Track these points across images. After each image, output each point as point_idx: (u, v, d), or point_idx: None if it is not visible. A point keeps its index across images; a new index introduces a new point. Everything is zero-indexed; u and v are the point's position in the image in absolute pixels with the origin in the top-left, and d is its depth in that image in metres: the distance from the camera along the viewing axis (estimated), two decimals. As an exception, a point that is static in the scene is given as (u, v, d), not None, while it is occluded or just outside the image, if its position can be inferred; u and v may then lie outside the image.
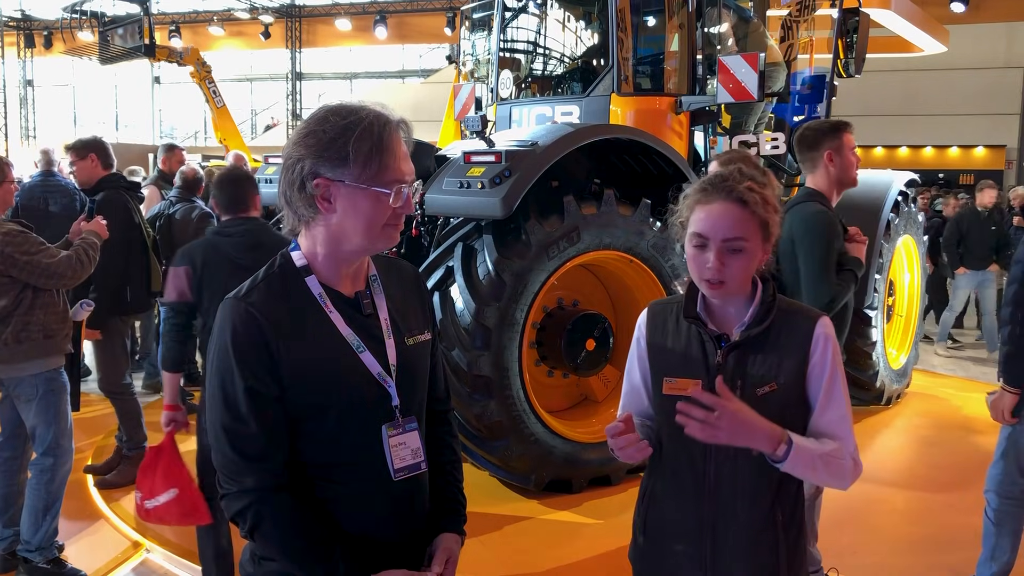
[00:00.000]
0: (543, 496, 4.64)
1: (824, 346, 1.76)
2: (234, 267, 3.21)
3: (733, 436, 1.64)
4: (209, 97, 15.14)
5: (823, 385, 1.76)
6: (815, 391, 1.77)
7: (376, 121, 1.51)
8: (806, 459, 1.68)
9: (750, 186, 1.75)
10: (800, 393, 1.77)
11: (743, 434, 1.65)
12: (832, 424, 1.76)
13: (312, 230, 1.57)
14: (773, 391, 1.75)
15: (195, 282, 3.27)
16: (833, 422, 1.76)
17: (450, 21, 20.59)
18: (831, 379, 1.76)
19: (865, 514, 4.43)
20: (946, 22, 10.82)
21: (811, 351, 1.76)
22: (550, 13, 6.54)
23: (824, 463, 1.71)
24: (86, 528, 4.33)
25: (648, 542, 1.92)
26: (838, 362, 1.78)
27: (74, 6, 20.57)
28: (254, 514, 1.52)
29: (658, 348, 1.89)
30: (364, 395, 1.57)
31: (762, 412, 1.70)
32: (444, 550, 1.69)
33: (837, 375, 1.77)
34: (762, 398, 1.74)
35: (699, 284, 1.79)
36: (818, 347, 1.76)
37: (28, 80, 31.21)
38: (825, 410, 1.76)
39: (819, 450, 1.71)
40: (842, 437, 1.75)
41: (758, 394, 1.74)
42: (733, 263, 1.74)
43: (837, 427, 1.76)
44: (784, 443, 1.67)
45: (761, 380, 1.75)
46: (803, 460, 1.68)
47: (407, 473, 1.62)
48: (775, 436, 1.67)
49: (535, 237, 4.38)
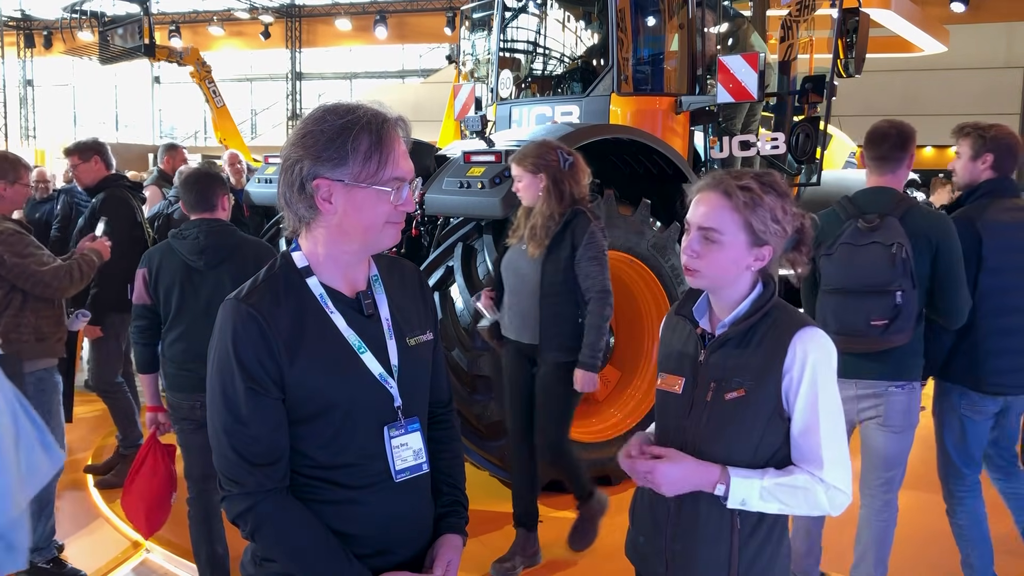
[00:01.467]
0: (543, 496, 4.63)
1: (803, 359, 1.68)
2: (187, 270, 3.22)
3: (672, 488, 1.72)
4: (209, 97, 15.13)
5: (797, 400, 1.69)
6: (791, 405, 1.70)
7: (374, 119, 1.50)
8: (754, 494, 1.67)
9: (746, 185, 1.73)
10: (774, 404, 1.70)
11: (680, 484, 1.71)
12: (803, 445, 1.70)
13: (313, 231, 1.57)
14: (740, 397, 1.71)
15: (151, 285, 3.26)
16: (804, 443, 1.70)
17: (450, 21, 20.57)
18: (808, 395, 1.68)
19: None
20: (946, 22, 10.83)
21: (786, 362, 1.69)
22: (550, 13, 6.54)
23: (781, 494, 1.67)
24: (86, 528, 4.33)
25: (636, 536, 1.94)
26: (819, 377, 1.68)
27: (74, 6, 20.58)
28: (256, 516, 1.52)
29: (664, 345, 1.92)
30: (365, 396, 1.57)
31: (730, 418, 1.71)
32: (445, 552, 1.68)
33: (814, 391, 1.68)
34: (729, 403, 1.71)
35: (684, 272, 1.81)
36: (795, 359, 1.68)
37: (28, 80, 31.21)
38: (799, 429, 1.71)
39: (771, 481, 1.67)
40: (811, 461, 1.68)
41: (725, 398, 1.72)
42: (706, 253, 1.74)
43: (807, 449, 1.70)
44: (720, 483, 1.68)
45: (731, 385, 1.72)
46: (751, 496, 1.67)
47: (409, 474, 1.62)
48: (711, 477, 1.69)
49: (535, 237, 4.37)
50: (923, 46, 9.07)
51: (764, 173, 1.79)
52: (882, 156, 3.13)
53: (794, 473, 1.69)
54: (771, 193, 1.74)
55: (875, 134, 3.18)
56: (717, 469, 1.69)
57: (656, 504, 1.84)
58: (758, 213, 1.72)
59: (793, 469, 1.71)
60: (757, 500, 1.68)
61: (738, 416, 1.70)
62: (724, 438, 1.73)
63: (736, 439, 1.73)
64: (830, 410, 1.70)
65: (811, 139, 5.61)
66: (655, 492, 1.80)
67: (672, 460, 1.71)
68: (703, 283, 1.79)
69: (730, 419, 1.72)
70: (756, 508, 1.70)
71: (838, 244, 3.05)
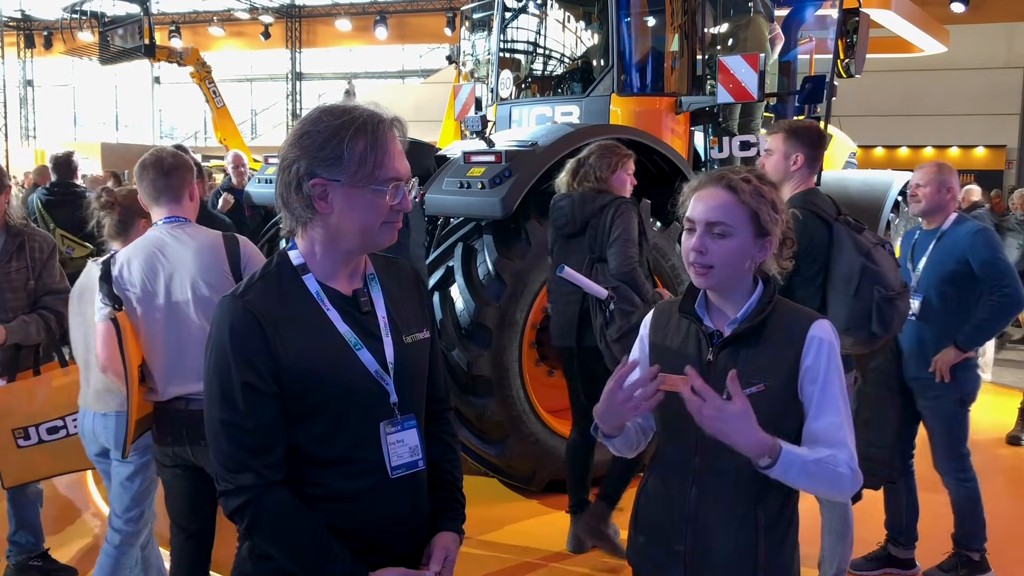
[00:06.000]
0: (543, 496, 4.64)
1: (819, 348, 1.71)
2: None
3: (723, 431, 1.60)
4: (209, 97, 15.16)
5: (816, 389, 1.71)
6: (809, 395, 1.72)
7: (370, 120, 1.51)
8: (797, 466, 1.63)
9: (746, 177, 1.75)
10: (792, 396, 1.73)
11: (731, 434, 1.60)
12: (826, 430, 1.71)
13: (310, 231, 1.57)
14: (761, 392, 1.71)
15: None
16: (827, 428, 1.70)
17: (450, 21, 20.59)
18: (825, 383, 1.70)
19: (865, 514, 4.42)
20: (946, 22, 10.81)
21: (804, 353, 1.71)
22: (550, 13, 6.54)
23: (818, 470, 1.65)
24: (86, 528, 4.32)
25: (642, 539, 1.92)
26: (835, 366, 1.72)
27: (74, 6, 20.54)
28: (252, 511, 1.52)
29: (658, 347, 1.89)
30: (361, 392, 1.57)
31: None
32: (442, 548, 1.69)
33: (833, 379, 1.71)
34: (750, 398, 1.69)
35: (689, 271, 1.79)
36: (811, 349, 1.71)
37: (28, 80, 31.22)
38: (818, 416, 1.71)
39: (812, 457, 1.65)
40: (836, 444, 1.69)
41: (745, 394, 1.71)
42: (716, 249, 1.73)
43: (831, 433, 1.70)
44: (772, 450, 1.61)
45: (750, 380, 1.71)
46: (794, 468, 1.63)
47: (405, 471, 1.62)
48: (764, 442, 1.60)
49: (535, 237, 4.38)
50: (923, 46, 9.07)
51: (753, 168, 1.83)
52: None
53: (827, 453, 1.67)
54: (767, 184, 1.79)
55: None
56: (769, 436, 1.62)
57: (671, 506, 1.82)
58: (763, 203, 1.74)
59: (824, 450, 1.68)
60: (797, 473, 1.63)
61: (759, 410, 1.68)
62: None
63: None
64: (846, 399, 1.74)
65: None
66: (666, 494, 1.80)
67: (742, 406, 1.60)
68: (712, 282, 1.77)
69: None
70: (792, 481, 1.66)
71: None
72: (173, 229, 2.72)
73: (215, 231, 2.81)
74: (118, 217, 3.00)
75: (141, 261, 2.66)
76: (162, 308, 2.65)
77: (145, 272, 2.65)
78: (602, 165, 3.70)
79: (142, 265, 2.66)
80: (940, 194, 3.58)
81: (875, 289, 2.92)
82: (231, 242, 2.74)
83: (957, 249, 3.52)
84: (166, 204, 2.76)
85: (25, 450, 3.25)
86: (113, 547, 2.99)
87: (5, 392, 3.26)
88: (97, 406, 2.96)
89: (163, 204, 2.77)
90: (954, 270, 3.52)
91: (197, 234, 2.74)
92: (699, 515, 1.77)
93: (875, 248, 2.98)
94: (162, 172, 2.75)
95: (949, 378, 3.51)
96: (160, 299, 2.65)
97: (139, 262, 2.66)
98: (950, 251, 3.54)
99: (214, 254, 2.68)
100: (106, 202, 3.00)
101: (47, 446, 3.27)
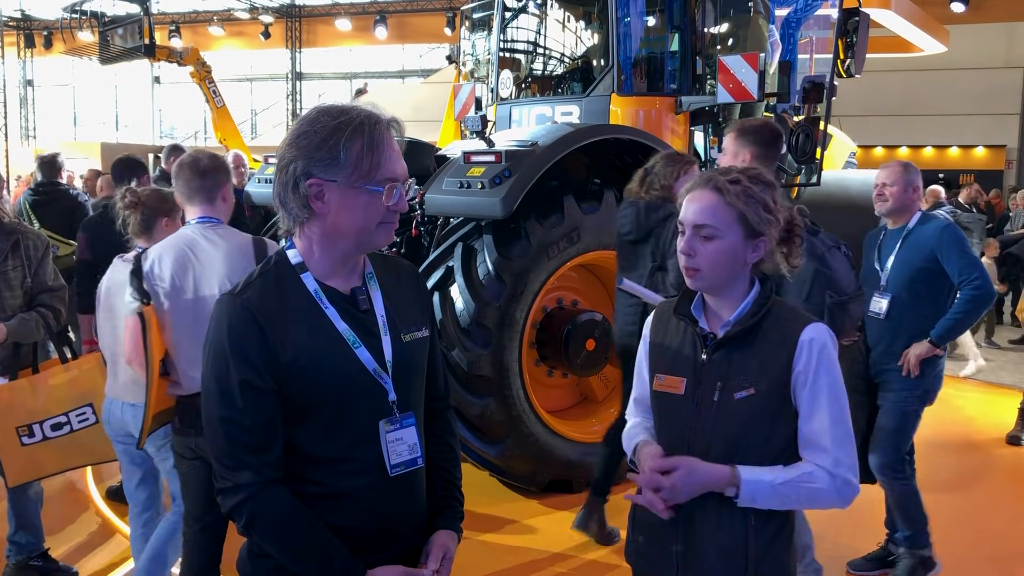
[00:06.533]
0: (543, 496, 4.64)
1: (810, 352, 1.69)
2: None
3: (689, 497, 1.71)
4: (209, 97, 15.16)
5: (806, 393, 1.70)
6: (800, 399, 1.71)
7: (367, 120, 1.51)
8: (765, 492, 1.68)
9: (735, 179, 1.74)
10: (784, 400, 1.72)
11: (694, 490, 1.70)
12: (812, 435, 1.70)
13: (307, 230, 1.57)
14: (751, 396, 1.71)
15: None
16: (816, 432, 1.70)
17: (450, 21, 20.58)
18: (816, 387, 1.69)
19: (866, 512, 4.42)
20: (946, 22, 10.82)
21: (796, 356, 1.70)
22: (550, 13, 6.54)
23: (789, 491, 1.68)
24: (86, 528, 4.32)
25: (641, 539, 1.92)
26: (829, 369, 1.70)
27: (74, 6, 20.55)
28: (250, 509, 1.52)
29: (657, 347, 1.89)
30: (360, 390, 1.57)
31: (740, 417, 1.71)
32: (440, 547, 1.69)
33: (825, 383, 1.70)
34: (740, 402, 1.71)
35: (683, 273, 1.80)
36: (803, 353, 1.70)
37: (28, 80, 31.20)
38: (808, 420, 1.71)
39: (780, 479, 1.68)
40: (819, 451, 1.69)
41: (736, 398, 1.72)
42: (703, 251, 1.74)
43: (816, 439, 1.70)
44: (732, 485, 1.68)
45: (741, 384, 1.72)
46: (762, 494, 1.68)
47: (404, 468, 1.62)
48: (723, 479, 1.69)
49: (535, 237, 4.38)
50: (923, 46, 9.08)
51: (749, 167, 1.82)
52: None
53: (803, 468, 1.70)
54: (759, 184, 1.77)
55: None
56: (728, 471, 1.68)
57: None
58: (751, 204, 1.73)
59: (801, 465, 1.71)
60: (767, 498, 1.69)
61: (749, 414, 1.70)
62: (735, 437, 1.73)
63: (747, 437, 1.73)
64: (841, 404, 1.72)
65: (811, 139, 5.62)
66: None
67: (684, 470, 1.70)
68: (703, 284, 1.78)
69: (741, 418, 1.72)
70: (766, 506, 1.71)
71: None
72: (205, 230, 2.82)
73: (246, 234, 2.90)
74: (141, 216, 3.14)
75: (172, 258, 2.76)
76: (189, 304, 2.73)
77: (175, 269, 2.74)
78: (667, 173, 3.71)
79: (173, 262, 2.75)
80: (907, 193, 3.61)
81: (827, 294, 2.91)
82: (260, 245, 2.83)
83: (925, 247, 3.55)
84: (199, 204, 2.87)
85: (30, 448, 3.26)
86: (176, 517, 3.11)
87: (7, 390, 3.27)
88: (128, 396, 3.04)
89: (196, 204, 2.87)
90: (922, 267, 3.55)
91: (228, 235, 2.83)
92: (692, 515, 1.77)
93: (830, 251, 2.94)
94: (197, 172, 2.86)
95: (917, 372, 3.53)
96: (188, 295, 2.73)
97: (170, 259, 2.76)
98: (919, 249, 3.57)
99: (243, 256, 2.77)
100: (130, 202, 3.13)
101: (51, 443, 3.28)
